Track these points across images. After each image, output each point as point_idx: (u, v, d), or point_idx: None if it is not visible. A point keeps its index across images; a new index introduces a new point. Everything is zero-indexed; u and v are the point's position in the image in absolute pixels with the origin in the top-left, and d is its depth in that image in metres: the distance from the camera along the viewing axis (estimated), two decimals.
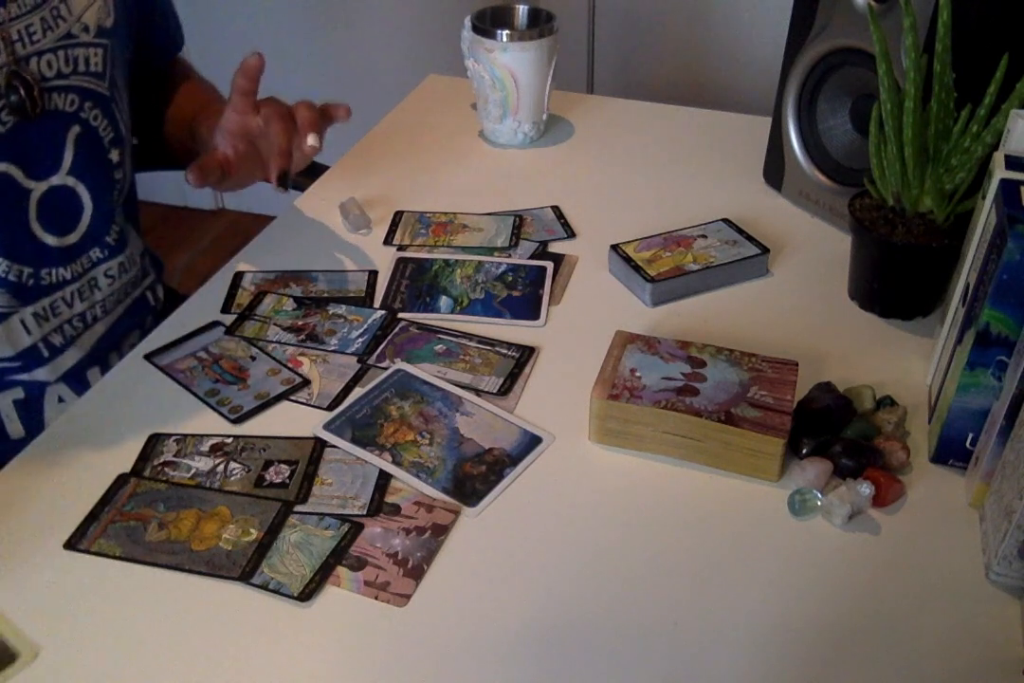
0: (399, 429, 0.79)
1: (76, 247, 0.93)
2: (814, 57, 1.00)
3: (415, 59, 2.13)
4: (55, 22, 0.85)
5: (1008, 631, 0.65)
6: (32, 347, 0.92)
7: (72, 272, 0.93)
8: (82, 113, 0.89)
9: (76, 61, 0.87)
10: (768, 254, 0.98)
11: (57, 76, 0.86)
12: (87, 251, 0.94)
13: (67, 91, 0.87)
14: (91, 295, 0.96)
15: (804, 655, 0.64)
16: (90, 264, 0.95)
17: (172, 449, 0.78)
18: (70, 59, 0.86)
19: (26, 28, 0.83)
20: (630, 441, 0.78)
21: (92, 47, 0.88)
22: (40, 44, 0.84)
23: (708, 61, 1.97)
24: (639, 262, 0.95)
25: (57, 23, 0.85)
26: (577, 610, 0.67)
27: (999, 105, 0.80)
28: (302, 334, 0.90)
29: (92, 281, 0.95)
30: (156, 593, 0.67)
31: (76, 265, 0.93)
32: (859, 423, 0.78)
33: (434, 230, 1.04)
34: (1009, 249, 0.66)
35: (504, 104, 1.17)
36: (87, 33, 0.88)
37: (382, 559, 0.69)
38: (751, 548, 0.71)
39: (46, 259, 0.90)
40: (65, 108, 0.87)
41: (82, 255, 0.94)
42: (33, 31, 0.83)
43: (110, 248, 0.96)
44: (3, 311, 0.89)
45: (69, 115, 0.88)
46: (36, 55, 0.84)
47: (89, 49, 0.88)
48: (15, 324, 0.90)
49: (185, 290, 1.06)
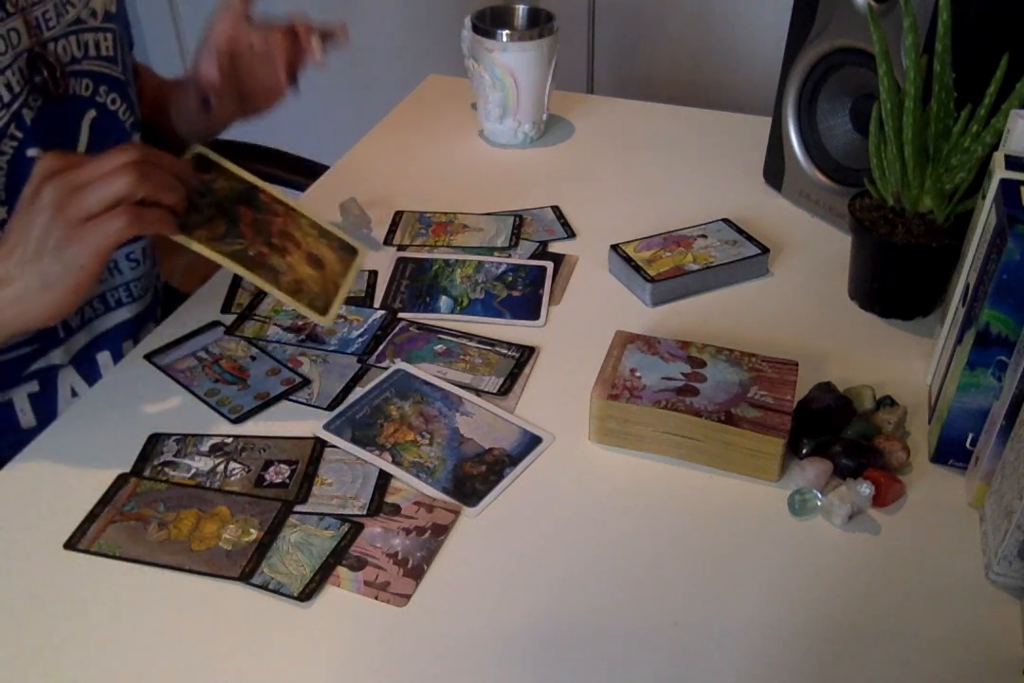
0: (399, 429, 0.79)
1: None
2: (814, 57, 1.00)
3: (415, 59, 2.13)
4: (65, 8, 0.86)
5: (1008, 631, 0.65)
6: (51, 329, 0.91)
7: None
8: (98, 97, 0.89)
9: (87, 46, 0.88)
10: (768, 254, 0.98)
11: (71, 61, 0.86)
12: None
13: (81, 76, 0.87)
14: (110, 278, 0.95)
15: (804, 655, 0.64)
16: None
17: (172, 449, 0.78)
18: (81, 44, 0.87)
19: (43, 14, 0.84)
20: (630, 441, 0.78)
21: (101, 32, 0.89)
22: (55, 30, 0.85)
23: (708, 61, 1.97)
24: (639, 262, 0.95)
25: (67, 9, 0.86)
26: (577, 610, 0.67)
27: (999, 105, 0.80)
28: (302, 334, 0.90)
29: (112, 264, 0.95)
30: (156, 593, 0.67)
31: None
32: (859, 423, 0.77)
33: (434, 230, 1.04)
34: (1009, 249, 0.67)
35: (504, 104, 1.17)
36: (95, 18, 0.88)
37: (382, 559, 0.69)
38: (751, 548, 0.71)
39: None
40: (81, 92, 0.88)
41: None
42: (48, 17, 0.84)
43: None
44: None
45: (85, 100, 0.88)
46: (52, 41, 0.84)
47: (99, 34, 0.89)
48: None
49: (185, 290, 1.06)
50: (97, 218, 0.70)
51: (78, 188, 0.70)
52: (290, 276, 0.78)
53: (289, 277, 0.78)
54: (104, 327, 0.96)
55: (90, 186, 0.70)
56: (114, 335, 0.97)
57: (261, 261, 0.76)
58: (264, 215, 0.79)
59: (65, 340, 0.93)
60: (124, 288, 0.96)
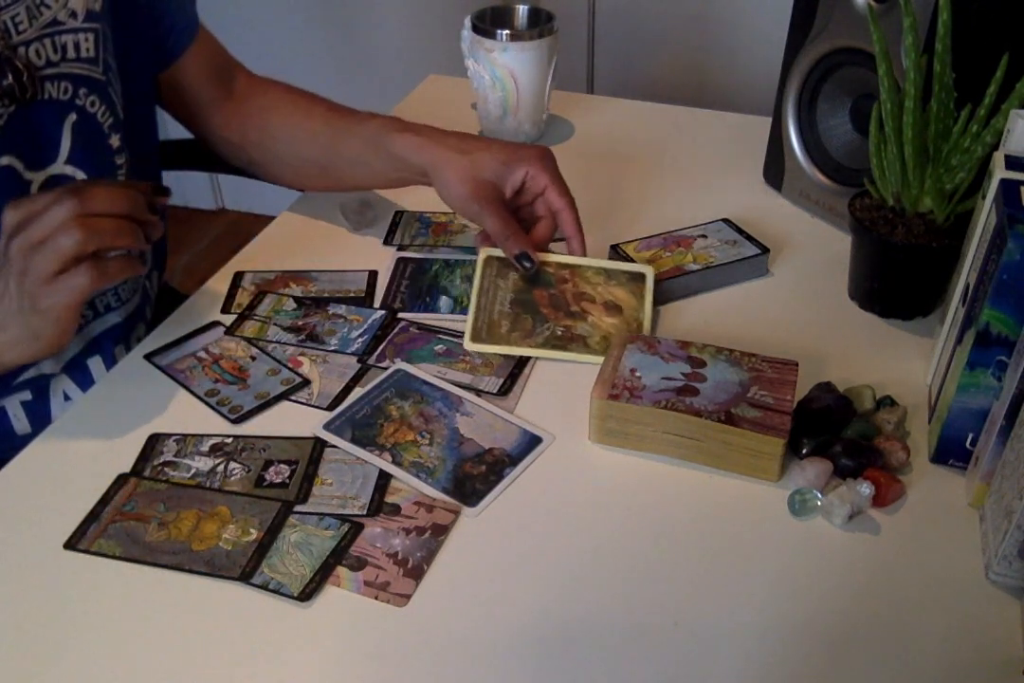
0: (399, 429, 0.79)
1: None
2: (814, 57, 1.00)
3: (415, 59, 2.13)
4: (39, 10, 0.83)
5: (1008, 631, 0.65)
6: None
7: None
8: (77, 100, 0.88)
9: (65, 48, 0.86)
10: (768, 254, 0.98)
11: (47, 64, 0.85)
12: None
13: (59, 79, 0.86)
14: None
15: (804, 655, 0.64)
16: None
17: (172, 449, 0.78)
18: (58, 46, 0.85)
19: (12, 18, 0.82)
20: (630, 441, 0.78)
21: (82, 32, 0.87)
22: (26, 34, 0.83)
23: (708, 61, 1.97)
24: (639, 262, 0.95)
25: (41, 11, 0.84)
26: (577, 610, 0.67)
27: (999, 105, 0.80)
28: (302, 334, 0.90)
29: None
30: (156, 593, 0.67)
31: None
32: (859, 423, 0.78)
33: (434, 230, 1.04)
34: (1009, 249, 0.67)
35: (504, 104, 1.17)
36: (75, 18, 0.86)
37: (382, 559, 0.69)
38: (751, 548, 0.71)
39: None
40: (59, 96, 0.86)
41: None
42: (19, 21, 0.82)
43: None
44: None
45: (64, 103, 0.87)
46: (23, 45, 0.83)
47: (79, 35, 0.87)
48: None
49: (185, 290, 1.06)
50: (61, 275, 0.71)
51: (33, 248, 0.71)
52: (596, 336, 0.87)
53: (596, 337, 0.87)
54: (94, 333, 0.96)
55: (41, 247, 0.70)
56: (105, 340, 0.96)
57: (569, 336, 0.85)
58: (556, 287, 0.86)
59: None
60: (112, 293, 0.96)
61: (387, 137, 0.95)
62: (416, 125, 0.96)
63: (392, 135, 0.95)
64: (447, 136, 0.94)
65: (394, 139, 0.95)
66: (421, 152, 0.93)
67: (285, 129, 1.04)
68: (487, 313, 0.87)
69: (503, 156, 0.92)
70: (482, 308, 0.88)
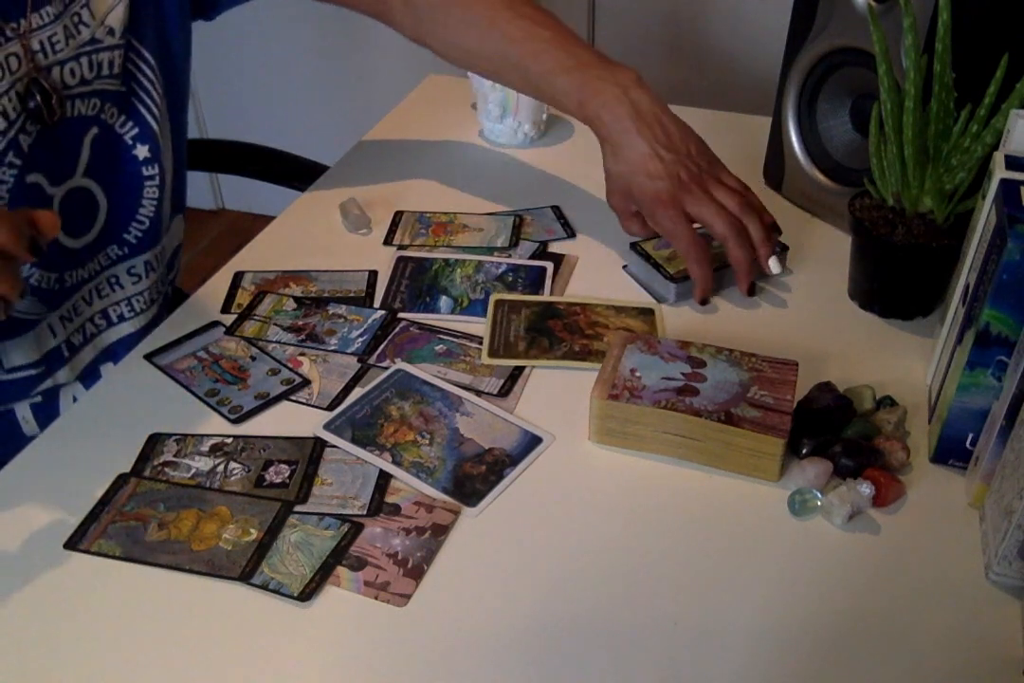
0: (399, 429, 0.79)
1: (92, 246, 0.93)
2: (814, 57, 1.00)
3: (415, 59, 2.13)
4: (76, 29, 0.83)
5: (1008, 631, 0.65)
6: (55, 349, 0.92)
7: (89, 271, 0.93)
8: (102, 115, 0.88)
9: (100, 66, 0.85)
10: (787, 252, 0.97)
11: (80, 83, 0.85)
12: (103, 249, 0.94)
13: (90, 96, 0.86)
14: (111, 293, 0.95)
15: (804, 655, 0.64)
16: (108, 262, 0.94)
17: (172, 449, 0.78)
18: (94, 64, 0.85)
19: (48, 38, 0.81)
20: (630, 441, 0.78)
21: (117, 49, 0.87)
22: (62, 53, 0.82)
23: (708, 61, 1.97)
24: (659, 260, 0.95)
25: (79, 29, 0.83)
26: (577, 610, 0.67)
27: (999, 105, 0.80)
28: (302, 334, 0.90)
29: (113, 279, 0.95)
30: (156, 593, 0.67)
31: (93, 263, 0.93)
32: (859, 423, 0.77)
33: (434, 230, 1.04)
34: (1009, 249, 0.67)
35: (504, 104, 1.17)
36: (112, 36, 0.86)
37: (382, 559, 0.69)
38: (751, 548, 0.71)
39: (67, 262, 0.90)
40: (87, 113, 0.86)
41: (99, 253, 0.93)
42: (56, 40, 0.82)
43: (130, 246, 0.96)
44: (33, 318, 0.89)
45: (89, 119, 0.87)
46: (58, 64, 0.82)
47: (114, 52, 0.86)
48: (43, 330, 0.90)
49: (185, 290, 1.06)
50: None
51: None
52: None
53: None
54: (108, 342, 0.96)
55: None
56: (119, 349, 0.97)
57: (587, 350, 0.87)
58: (569, 319, 0.91)
59: (71, 358, 0.93)
60: (126, 303, 0.96)
61: (564, 98, 0.95)
62: (588, 88, 0.94)
63: (568, 97, 0.95)
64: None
65: (568, 99, 0.95)
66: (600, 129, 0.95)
67: (461, 28, 1.00)
68: (503, 337, 0.88)
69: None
70: (497, 335, 0.89)
